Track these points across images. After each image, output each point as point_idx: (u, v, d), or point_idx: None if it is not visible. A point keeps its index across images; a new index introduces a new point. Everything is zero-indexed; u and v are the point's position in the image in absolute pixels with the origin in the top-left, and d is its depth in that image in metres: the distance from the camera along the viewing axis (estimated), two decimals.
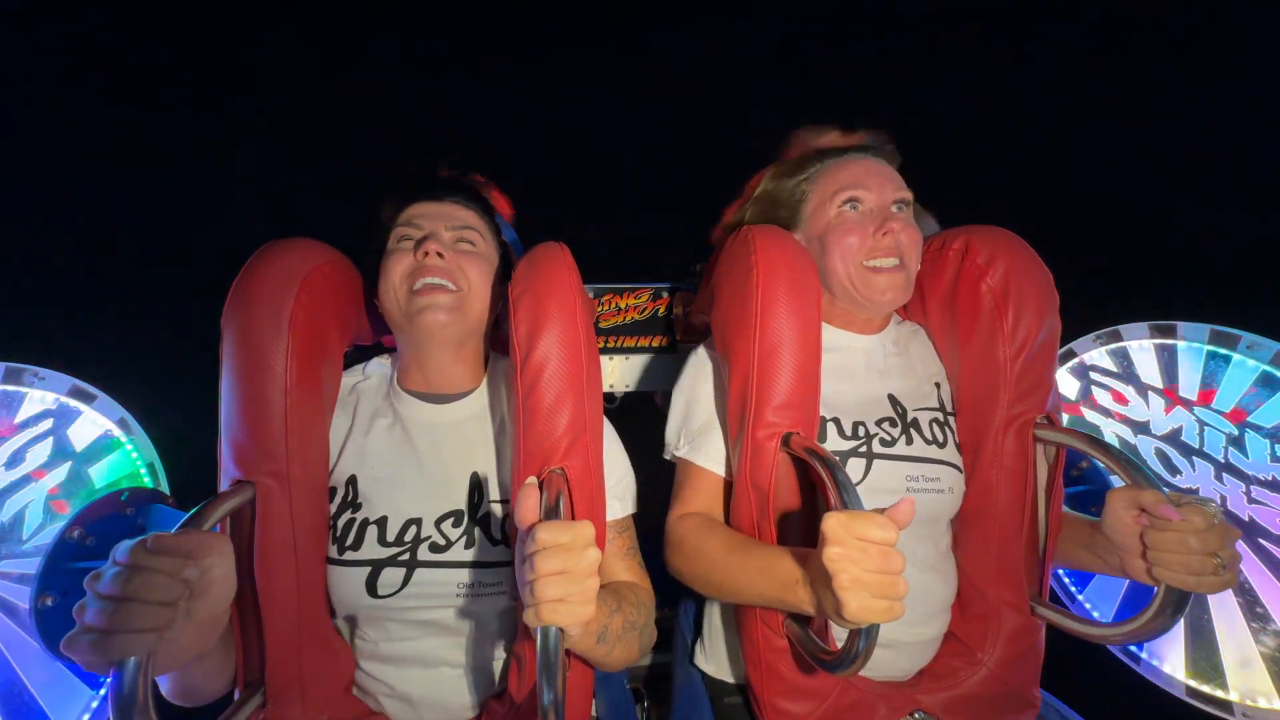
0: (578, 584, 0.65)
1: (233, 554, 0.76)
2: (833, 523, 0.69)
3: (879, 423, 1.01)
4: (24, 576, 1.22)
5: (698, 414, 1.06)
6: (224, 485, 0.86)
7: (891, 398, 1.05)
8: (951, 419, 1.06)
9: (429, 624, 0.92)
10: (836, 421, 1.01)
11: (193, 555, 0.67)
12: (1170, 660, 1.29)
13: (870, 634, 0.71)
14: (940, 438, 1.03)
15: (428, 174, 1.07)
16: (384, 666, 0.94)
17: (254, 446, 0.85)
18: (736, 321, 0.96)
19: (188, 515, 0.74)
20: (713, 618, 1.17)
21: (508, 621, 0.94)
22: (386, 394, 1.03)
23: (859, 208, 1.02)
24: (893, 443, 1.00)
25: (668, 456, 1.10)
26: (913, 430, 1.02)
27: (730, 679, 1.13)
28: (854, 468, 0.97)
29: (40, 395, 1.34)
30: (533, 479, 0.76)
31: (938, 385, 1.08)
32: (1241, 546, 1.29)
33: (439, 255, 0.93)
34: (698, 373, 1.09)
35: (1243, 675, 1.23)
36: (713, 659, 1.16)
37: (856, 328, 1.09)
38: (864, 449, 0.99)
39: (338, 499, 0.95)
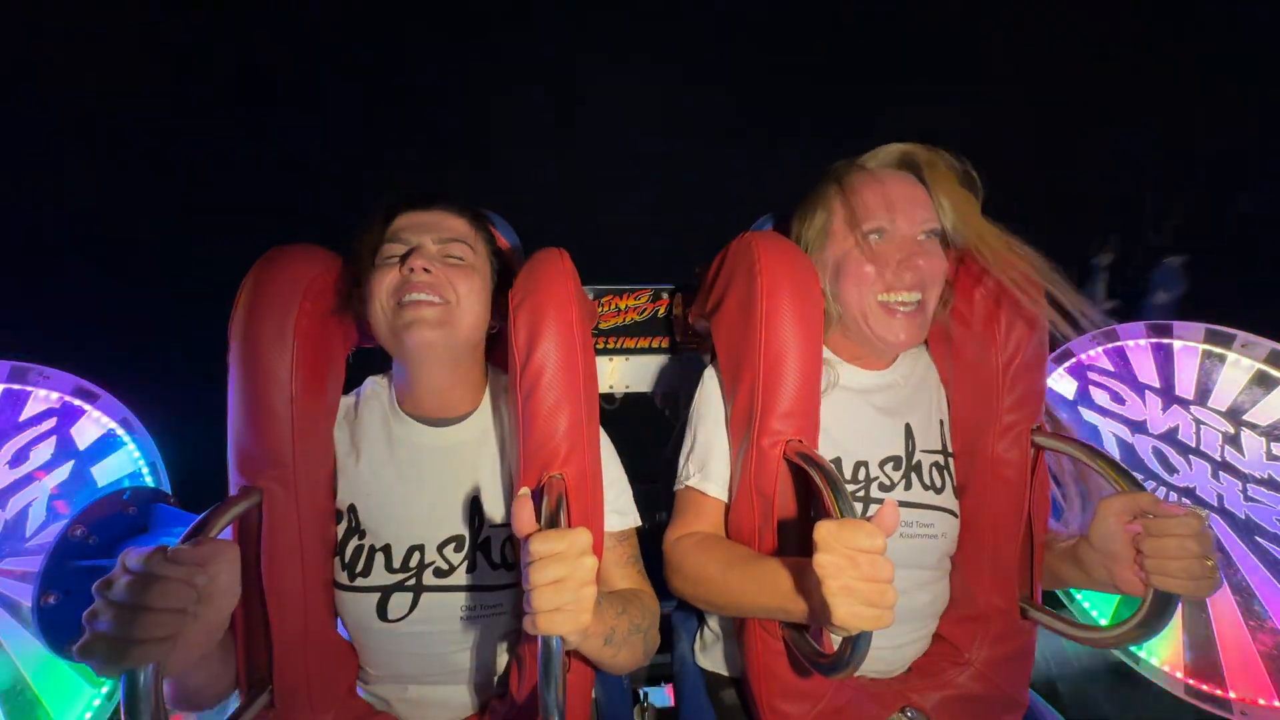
0: (573, 592, 0.66)
1: (239, 560, 0.79)
2: (824, 531, 0.70)
3: (882, 464, 1.01)
4: (26, 575, 1.22)
5: (706, 440, 1.05)
6: (232, 490, 0.87)
7: (908, 429, 1.04)
8: (951, 460, 1.05)
9: (436, 642, 0.94)
10: (838, 462, 1.00)
11: (204, 563, 0.69)
12: (1169, 659, 1.29)
13: (862, 640, 0.72)
14: (939, 483, 1.02)
15: (417, 186, 1.04)
16: (393, 678, 0.97)
17: (260, 453, 0.86)
18: (741, 330, 0.96)
19: (196, 521, 0.76)
20: (709, 617, 1.19)
21: (511, 637, 0.96)
22: (385, 418, 1.01)
23: (883, 237, 0.97)
24: (891, 487, 1.00)
25: (679, 488, 1.07)
26: (913, 475, 1.01)
27: (726, 673, 1.15)
28: None
29: (44, 394, 1.34)
30: (526, 490, 0.78)
31: (941, 422, 1.07)
32: (1238, 544, 1.30)
33: (425, 270, 0.90)
34: (705, 398, 1.08)
35: (1241, 674, 1.23)
36: (710, 655, 1.18)
37: (865, 363, 1.07)
38: (862, 493, 0.99)
39: (343, 525, 0.96)
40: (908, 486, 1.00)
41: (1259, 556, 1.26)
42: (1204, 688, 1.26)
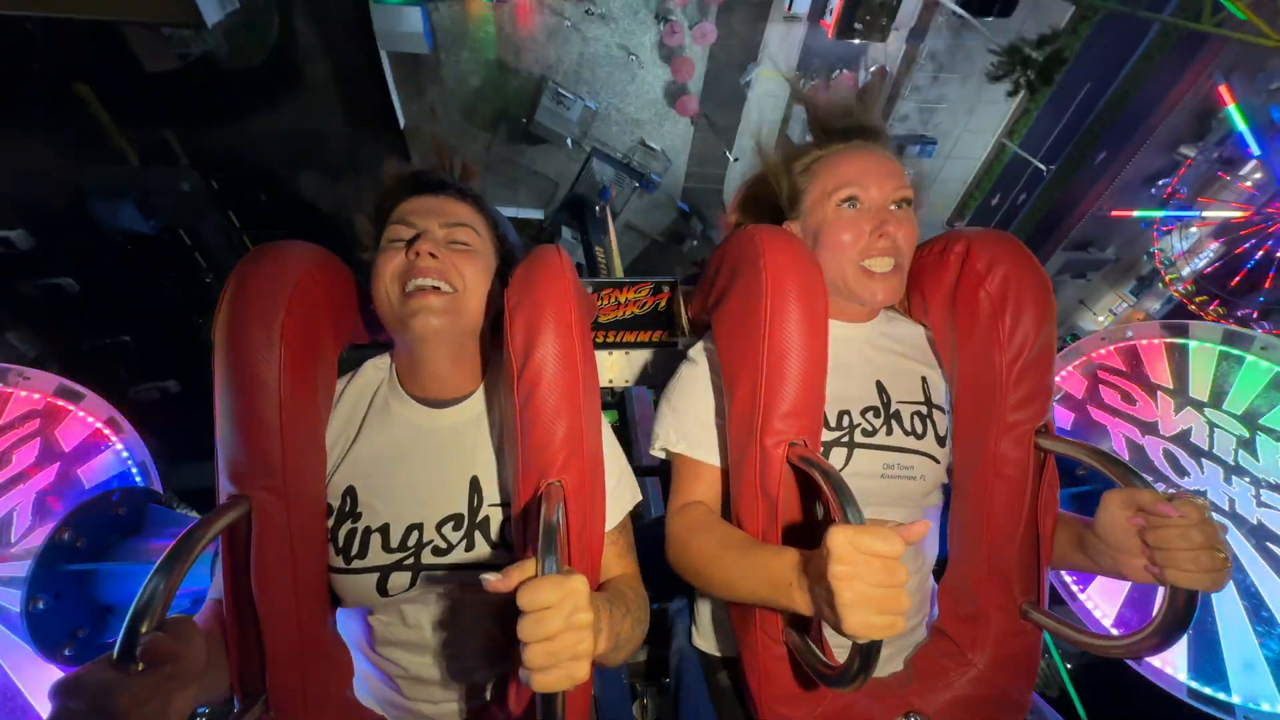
0: (568, 649, 0.62)
1: (192, 639, 0.72)
2: (840, 539, 0.68)
3: (863, 412, 1.03)
4: (14, 579, 1.20)
5: (694, 410, 1.05)
6: (220, 499, 0.84)
7: (880, 385, 1.06)
8: (936, 411, 1.06)
9: (436, 619, 0.94)
10: (824, 412, 0.99)
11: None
12: (1172, 662, 1.29)
13: (871, 652, 0.70)
14: (919, 430, 1.04)
15: (424, 171, 1.02)
16: (397, 650, 0.96)
17: (249, 462, 0.83)
18: (744, 327, 0.94)
19: (180, 535, 0.72)
20: (700, 598, 1.19)
21: (509, 610, 0.95)
22: (385, 398, 1.01)
23: (857, 205, 1.01)
24: (873, 433, 1.02)
25: (657, 452, 1.08)
26: (894, 421, 1.04)
27: (719, 653, 1.16)
28: (836, 457, 0.99)
29: (25, 395, 1.31)
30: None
31: (924, 379, 1.08)
32: (1249, 549, 1.29)
33: (431, 255, 0.90)
34: (693, 370, 1.08)
35: (1246, 678, 1.23)
36: (704, 636, 1.18)
37: (848, 317, 1.09)
38: (846, 439, 1.01)
39: (335, 512, 0.93)
40: (889, 433, 1.03)
41: (1269, 562, 1.25)
42: (1207, 690, 1.25)
